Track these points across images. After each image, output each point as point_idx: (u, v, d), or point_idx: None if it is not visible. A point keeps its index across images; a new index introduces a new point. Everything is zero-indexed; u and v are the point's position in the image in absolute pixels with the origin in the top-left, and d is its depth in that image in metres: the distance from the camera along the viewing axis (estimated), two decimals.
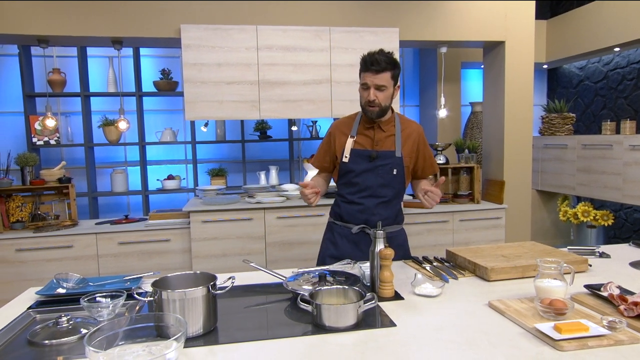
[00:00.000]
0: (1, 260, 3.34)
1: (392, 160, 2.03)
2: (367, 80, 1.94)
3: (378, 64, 1.90)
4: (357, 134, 2.06)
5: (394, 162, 2.03)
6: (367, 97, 1.96)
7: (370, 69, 1.92)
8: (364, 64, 1.95)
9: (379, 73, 1.91)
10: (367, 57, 1.94)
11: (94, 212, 4.46)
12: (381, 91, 1.94)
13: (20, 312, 1.50)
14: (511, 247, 1.99)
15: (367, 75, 1.94)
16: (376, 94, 1.94)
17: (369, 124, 2.07)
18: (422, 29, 3.81)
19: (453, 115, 4.90)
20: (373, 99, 1.94)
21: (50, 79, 4.26)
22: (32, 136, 4.22)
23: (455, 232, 3.92)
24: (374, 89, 1.94)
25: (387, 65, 1.92)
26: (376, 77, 1.92)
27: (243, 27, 3.51)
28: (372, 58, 1.92)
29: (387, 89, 1.95)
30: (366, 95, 1.97)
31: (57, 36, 3.41)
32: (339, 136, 2.10)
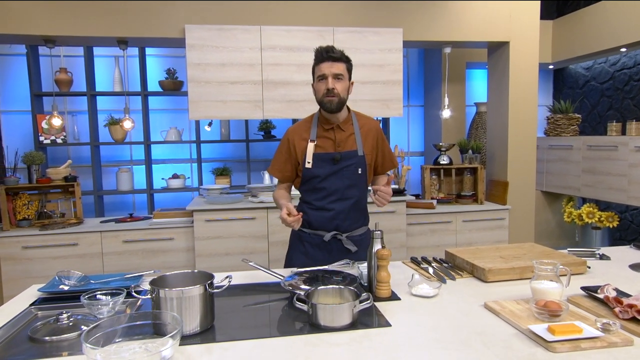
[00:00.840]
0: (8, 258, 3.39)
1: (356, 160, 2.01)
2: (324, 71, 1.90)
3: (335, 53, 1.89)
4: (317, 138, 2.01)
5: (357, 162, 2.01)
6: (325, 86, 1.90)
7: (327, 57, 1.89)
8: (319, 55, 1.92)
9: (336, 62, 1.90)
10: (322, 49, 1.92)
11: (100, 210, 4.50)
12: (339, 80, 1.91)
13: (23, 308, 1.53)
14: (510, 249, 1.99)
15: (324, 65, 1.90)
16: (335, 82, 1.89)
17: (327, 126, 2.02)
18: (426, 29, 3.81)
19: (457, 116, 4.89)
20: (332, 86, 1.88)
21: (57, 78, 4.31)
22: (39, 135, 4.27)
23: (458, 232, 3.92)
24: (332, 77, 1.89)
25: (342, 55, 1.92)
26: (333, 66, 1.89)
27: (247, 28, 3.53)
28: (327, 48, 1.91)
29: (344, 80, 1.93)
30: (324, 85, 1.91)
31: (64, 36, 3.45)
32: (298, 142, 2.03)
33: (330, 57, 1.89)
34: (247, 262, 1.75)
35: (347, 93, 1.99)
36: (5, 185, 3.51)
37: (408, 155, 5.31)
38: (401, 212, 3.73)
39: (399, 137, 5.28)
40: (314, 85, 1.99)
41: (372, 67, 3.71)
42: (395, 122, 5.21)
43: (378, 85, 3.73)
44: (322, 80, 1.92)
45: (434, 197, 4.16)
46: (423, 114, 5.31)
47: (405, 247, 3.77)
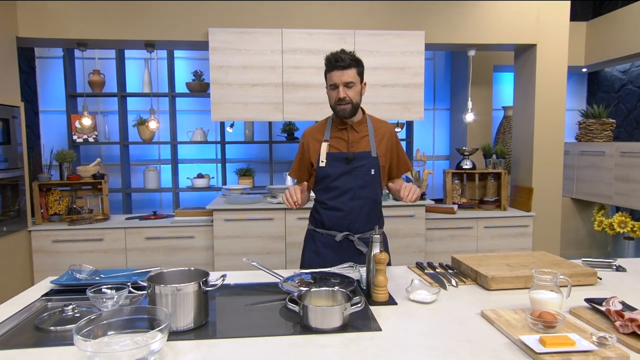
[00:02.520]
0: (39, 250, 3.56)
1: (369, 161, 2.03)
2: (334, 80, 1.93)
3: (343, 61, 1.90)
4: (330, 138, 2.05)
5: (370, 163, 2.03)
6: (336, 95, 1.94)
7: (336, 66, 1.91)
8: (329, 64, 1.94)
9: (345, 69, 1.91)
10: (331, 57, 1.93)
11: (127, 207, 4.66)
12: (350, 88, 1.93)
13: (35, 299, 1.61)
14: (519, 257, 1.95)
15: (334, 74, 1.93)
16: (346, 91, 1.92)
17: (341, 126, 2.05)
18: (450, 32, 3.76)
19: (483, 120, 4.79)
20: (343, 96, 1.92)
21: (91, 80, 4.49)
22: (72, 134, 4.47)
23: (479, 239, 3.85)
24: (342, 86, 1.92)
25: (351, 61, 1.92)
26: (343, 75, 1.91)
27: (269, 31, 3.58)
28: (335, 56, 1.92)
29: (355, 86, 1.94)
30: (335, 94, 1.95)
31: (95, 40, 3.60)
32: (312, 143, 2.08)
33: (340, 67, 1.90)
34: (249, 262, 1.78)
35: (360, 97, 2.01)
36: (38, 181, 3.69)
37: (433, 159, 5.25)
38: (420, 216, 3.69)
39: (424, 140, 5.22)
40: (327, 91, 2.02)
41: (393, 70, 3.69)
42: (420, 126, 5.16)
43: (399, 88, 3.71)
44: (334, 89, 1.95)
45: (456, 202, 4.09)
46: (449, 118, 5.23)
47: (424, 252, 3.72)
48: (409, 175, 4.21)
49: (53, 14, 3.51)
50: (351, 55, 1.94)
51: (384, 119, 3.82)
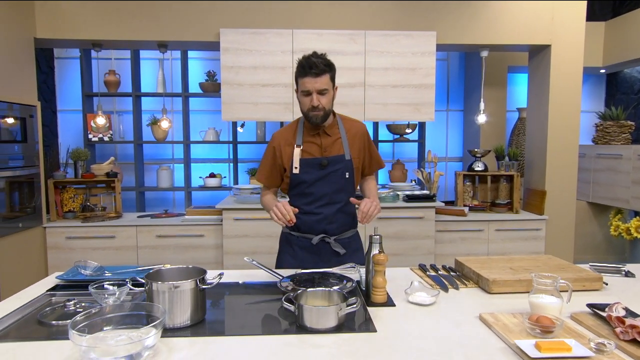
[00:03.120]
0: (54, 247, 3.63)
1: (343, 164, 2.00)
2: (307, 87, 1.85)
3: (317, 67, 1.82)
4: (303, 143, 1.98)
5: (345, 166, 2.00)
6: (310, 103, 1.88)
7: (309, 72, 1.83)
8: (301, 69, 1.86)
9: (319, 76, 1.83)
10: (304, 62, 1.85)
11: (141, 205, 4.73)
12: (323, 95, 1.87)
13: (40, 293, 1.64)
14: (523, 260, 1.92)
15: (307, 80, 1.85)
16: (319, 98, 1.86)
17: (313, 131, 1.99)
18: (461, 32, 3.73)
19: (497, 121, 4.73)
20: (317, 104, 1.86)
21: (106, 79, 4.57)
22: (88, 133, 4.55)
23: (490, 242, 3.80)
24: (316, 94, 1.85)
25: (325, 67, 1.85)
26: (317, 82, 1.84)
27: (279, 31, 3.60)
28: (309, 62, 1.83)
29: (328, 92, 1.89)
30: (308, 101, 1.88)
31: (109, 40, 3.67)
32: (284, 147, 2.01)
33: (313, 73, 1.83)
34: (250, 261, 1.79)
35: (332, 103, 1.96)
36: (54, 179, 3.77)
37: (446, 161, 5.20)
38: (430, 218, 3.66)
39: (438, 141, 5.18)
40: (297, 96, 1.95)
41: (403, 70, 3.67)
42: (433, 127, 5.12)
43: (409, 89, 3.69)
44: (307, 95, 1.88)
45: (467, 204, 4.05)
46: (463, 119, 5.18)
47: (433, 255, 3.70)
48: (421, 177, 4.18)
49: (69, 15, 3.58)
50: (324, 60, 1.87)
51: (394, 119, 3.84)
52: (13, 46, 3.36)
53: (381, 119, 3.76)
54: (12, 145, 3.33)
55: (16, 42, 3.39)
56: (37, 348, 1.22)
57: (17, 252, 3.32)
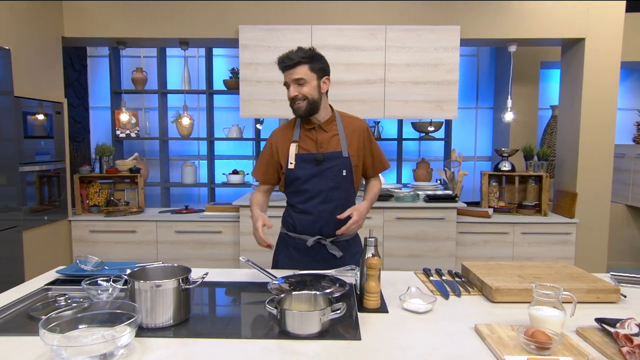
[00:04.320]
0: (78, 239, 3.74)
1: (340, 161, 1.94)
2: (286, 79, 1.90)
3: (290, 59, 1.85)
4: (299, 138, 1.97)
5: (341, 163, 1.94)
6: (289, 95, 1.89)
7: (284, 65, 1.87)
8: (279, 64, 1.91)
9: (293, 67, 1.85)
10: (279, 58, 1.91)
11: (165, 201, 4.81)
12: (300, 85, 1.86)
13: (38, 287, 1.67)
14: (535, 267, 1.80)
15: (285, 74, 1.89)
16: (297, 89, 1.87)
17: (309, 126, 1.97)
18: (488, 26, 3.57)
19: (528, 120, 4.53)
20: (294, 94, 1.87)
21: (134, 77, 4.67)
22: (116, 129, 4.67)
23: (516, 245, 3.63)
24: (293, 84, 1.87)
25: (301, 59, 1.85)
26: (292, 73, 1.86)
27: (298, 27, 3.56)
28: (284, 56, 1.88)
29: (307, 82, 1.86)
30: (289, 94, 1.90)
31: (133, 38, 3.73)
32: (280, 143, 2.00)
33: (288, 66, 1.86)
34: (245, 261, 1.76)
35: (319, 92, 1.91)
36: (79, 174, 3.88)
37: (474, 160, 5.03)
38: (451, 220, 3.54)
39: (466, 140, 5.01)
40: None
41: (425, 66, 3.55)
42: (462, 125, 4.95)
43: (431, 85, 3.57)
44: (288, 88, 1.91)
45: (492, 205, 3.89)
46: (492, 117, 4.99)
47: (454, 257, 3.57)
48: (444, 176, 4.05)
49: (95, 14, 3.67)
50: (303, 52, 1.87)
51: (415, 117, 3.72)
52: (42, 45, 3.47)
53: (401, 117, 3.66)
54: (40, 140, 3.45)
55: (45, 41, 3.50)
56: (14, 343, 1.23)
57: (43, 244, 3.43)
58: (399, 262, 3.54)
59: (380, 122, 4.63)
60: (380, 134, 4.67)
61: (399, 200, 3.63)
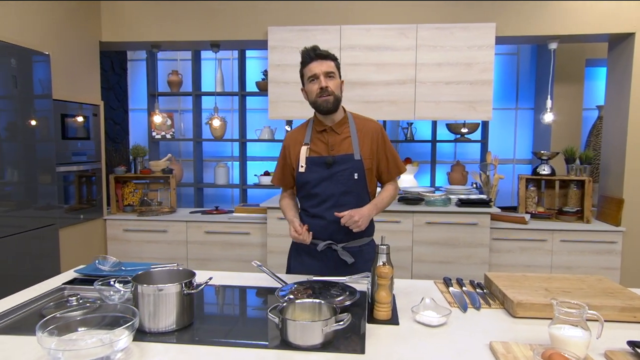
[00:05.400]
0: (113, 238, 3.85)
1: (352, 164, 1.87)
2: (315, 70, 1.83)
3: (322, 52, 1.84)
4: (311, 141, 1.93)
5: (353, 166, 1.87)
6: (318, 86, 1.82)
7: (315, 56, 1.83)
8: (307, 56, 1.86)
9: (325, 59, 1.83)
10: (308, 49, 1.87)
11: (199, 201, 4.89)
12: (331, 78, 1.83)
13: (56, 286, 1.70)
14: (565, 280, 1.67)
15: (313, 65, 1.84)
16: (327, 80, 1.82)
17: (321, 128, 1.92)
18: (525, 22, 3.39)
19: (571, 121, 4.29)
20: (325, 85, 1.81)
21: (170, 79, 4.77)
22: (152, 131, 4.78)
23: (554, 253, 3.43)
24: (323, 76, 1.82)
25: (329, 53, 1.86)
26: (323, 64, 1.82)
27: (327, 28, 3.51)
28: (313, 47, 1.86)
29: (335, 77, 1.86)
30: (316, 86, 1.83)
31: (167, 41, 3.81)
32: (293, 147, 1.96)
33: (319, 56, 1.83)
34: (257, 265, 1.73)
35: (340, 92, 1.90)
36: (114, 174, 4.00)
37: (514, 163, 4.82)
38: (484, 225, 3.39)
39: (505, 142, 4.80)
40: (304, 88, 1.92)
41: (458, 65, 3.42)
42: (501, 127, 4.75)
43: (464, 85, 3.43)
44: (314, 80, 1.84)
45: (530, 211, 3.70)
46: (533, 118, 4.76)
47: (488, 265, 3.41)
48: (479, 180, 3.89)
49: (130, 18, 3.77)
50: (327, 50, 1.88)
51: (447, 118, 3.60)
52: (80, 50, 3.59)
53: (432, 118, 3.54)
54: (77, 142, 3.57)
55: (83, 45, 3.62)
56: (18, 342, 1.24)
57: (79, 241, 3.55)
58: (428, 268, 3.43)
59: (413, 123, 4.51)
60: (414, 136, 4.55)
61: (430, 204, 3.51)
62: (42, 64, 3.10)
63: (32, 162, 3.02)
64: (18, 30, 2.95)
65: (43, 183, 3.11)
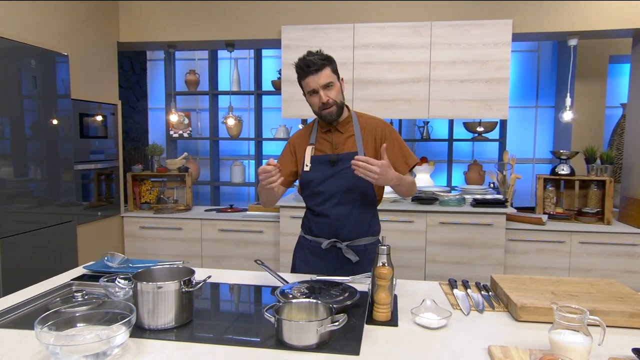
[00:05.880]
0: (130, 235, 3.93)
1: None
2: (312, 85, 1.81)
3: (314, 64, 1.78)
4: (316, 141, 1.94)
5: None
6: (319, 100, 1.82)
7: (309, 71, 1.79)
8: (300, 71, 1.83)
9: (319, 72, 1.79)
10: (300, 63, 1.82)
11: (215, 199, 4.94)
12: (330, 88, 1.81)
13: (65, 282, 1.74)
14: (574, 284, 1.62)
15: (309, 80, 1.81)
16: (326, 93, 1.81)
17: (325, 128, 1.93)
18: (544, 18, 3.31)
19: (593, 119, 4.17)
20: (326, 99, 1.80)
21: (187, 79, 4.83)
22: (169, 129, 4.85)
23: (573, 255, 3.35)
24: (322, 90, 1.80)
25: (322, 61, 1.80)
26: (319, 77, 1.79)
27: (340, 26, 3.50)
28: (305, 61, 1.80)
29: (334, 85, 1.82)
30: (317, 99, 1.82)
31: (182, 41, 3.85)
32: (298, 147, 1.98)
33: (313, 70, 1.79)
34: (259, 263, 1.74)
35: (342, 94, 1.89)
36: (132, 172, 4.07)
37: (533, 163, 4.71)
38: (499, 226, 3.32)
39: (524, 141, 4.70)
40: (306, 98, 1.90)
41: (473, 63, 3.36)
42: (520, 125, 4.66)
43: (480, 83, 3.37)
44: (314, 94, 1.84)
45: (549, 211, 3.61)
46: (553, 116, 4.65)
47: (503, 266, 3.35)
48: (495, 179, 3.82)
49: (146, 19, 3.83)
50: (320, 55, 1.83)
51: (462, 117, 3.54)
52: (99, 50, 3.67)
53: (447, 117, 3.49)
54: (95, 140, 3.65)
55: (101, 46, 3.70)
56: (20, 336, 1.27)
57: (96, 238, 3.63)
58: (442, 269, 3.38)
59: (429, 122, 4.46)
60: (430, 134, 4.50)
61: (444, 204, 3.46)
62: (62, 64, 3.18)
63: (52, 161, 3.10)
64: (38, 31, 3.03)
65: (62, 181, 3.19)
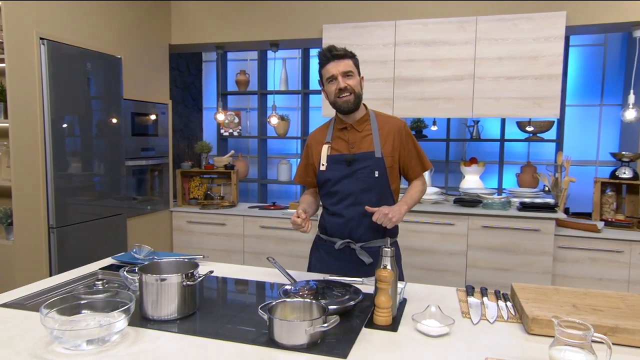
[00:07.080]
0: (177, 229, 4.11)
1: (372, 162, 1.82)
2: (332, 72, 1.80)
3: (337, 50, 1.81)
4: (332, 140, 1.92)
5: (374, 164, 1.82)
6: (336, 86, 1.80)
7: (331, 57, 1.80)
8: (324, 57, 1.83)
9: (342, 59, 1.80)
10: (324, 50, 1.84)
11: (263, 196, 5.04)
12: (350, 77, 1.81)
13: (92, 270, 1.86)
14: (601, 297, 1.48)
15: (330, 66, 1.81)
16: (345, 80, 1.80)
17: (341, 126, 1.91)
18: (602, 9, 3.06)
19: None
20: (344, 85, 1.79)
21: (238, 79, 4.97)
22: (220, 128, 5.02)
23: (632, 267, 3.07)
24: (341, 76, 1.79)
25: (346, 52, 1.83)
26: (340, 64, 1.80)
27: (381, 24, 3.44)
28: (329, 48, 1.83)
29: (354, 76, 1.82)
30: (335, 86, 1.81)
31: (229, 42, 3.97)
32: (315, 146, 1.97)
33: (335, 56, 1.81)
34: (271, 261, 1.75)
35: (361, 88, 1.86)
36: (181, 169, 4.26)
37: (597, 165, 4.37)
38: (548, 232, 3.12)
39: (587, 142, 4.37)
40: (324, 89, 1.90)
41: (522, 59, 3.18)
42: (582, 125, 4.34)
43: (528, 80, 3.18)
44: (332, 81, 1.82)
45: (606, 218, 3.34)
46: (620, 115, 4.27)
47: (551, 275, 3.14)
48: (546, 182, 3.59)
49: (196, 22, 3.99)
50: (344, 48, 1.84)
51: (508, 116, 3.37)
52: (151, 53, 3.87)
53: (492, 115, 3.32)
54: (146, 138, 3.86)
55: (153, 49, 3.90)
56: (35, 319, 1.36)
57: (146, 231, 3.84)
58: (484, 275, 3.23)
59: (479, 121, 4.27)
60: (480, 134, 4.31)
61: (487, 207, 3.30)
62: (115, 67, 3.39)
63: (107, 157, 3.32)
64: (92, 35, 3.24)
65: (112, 176, 3.41)
